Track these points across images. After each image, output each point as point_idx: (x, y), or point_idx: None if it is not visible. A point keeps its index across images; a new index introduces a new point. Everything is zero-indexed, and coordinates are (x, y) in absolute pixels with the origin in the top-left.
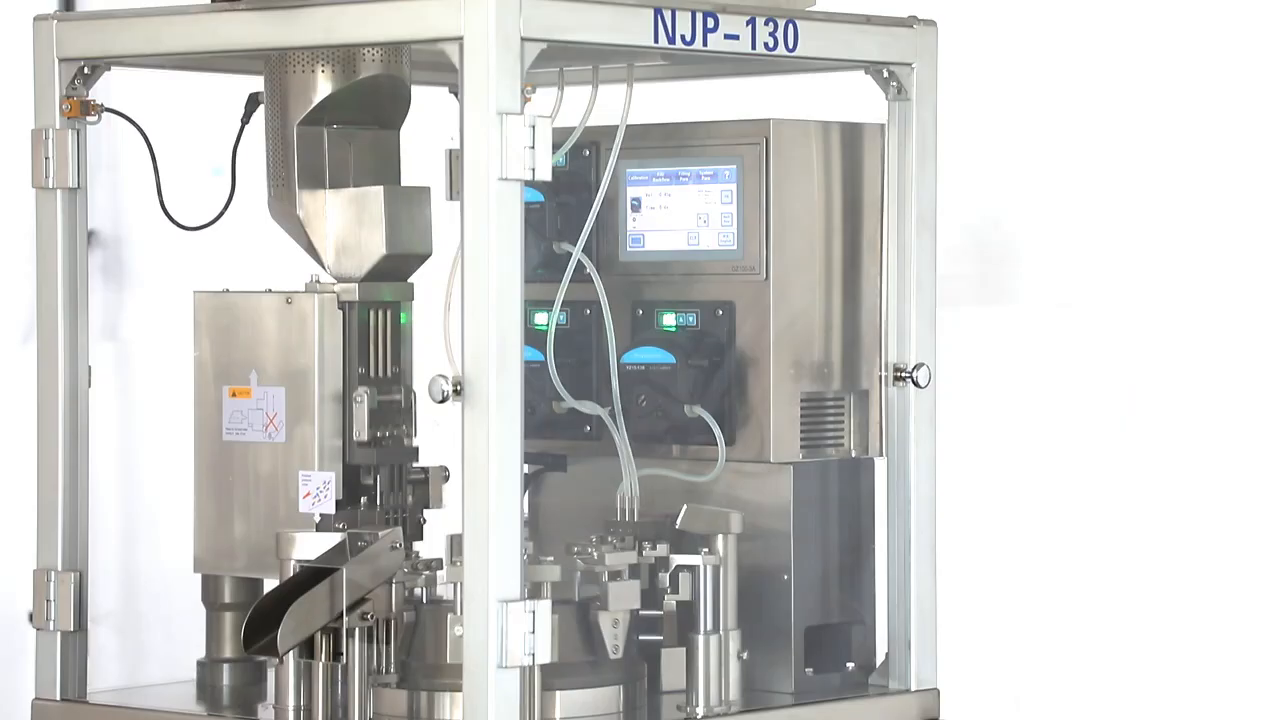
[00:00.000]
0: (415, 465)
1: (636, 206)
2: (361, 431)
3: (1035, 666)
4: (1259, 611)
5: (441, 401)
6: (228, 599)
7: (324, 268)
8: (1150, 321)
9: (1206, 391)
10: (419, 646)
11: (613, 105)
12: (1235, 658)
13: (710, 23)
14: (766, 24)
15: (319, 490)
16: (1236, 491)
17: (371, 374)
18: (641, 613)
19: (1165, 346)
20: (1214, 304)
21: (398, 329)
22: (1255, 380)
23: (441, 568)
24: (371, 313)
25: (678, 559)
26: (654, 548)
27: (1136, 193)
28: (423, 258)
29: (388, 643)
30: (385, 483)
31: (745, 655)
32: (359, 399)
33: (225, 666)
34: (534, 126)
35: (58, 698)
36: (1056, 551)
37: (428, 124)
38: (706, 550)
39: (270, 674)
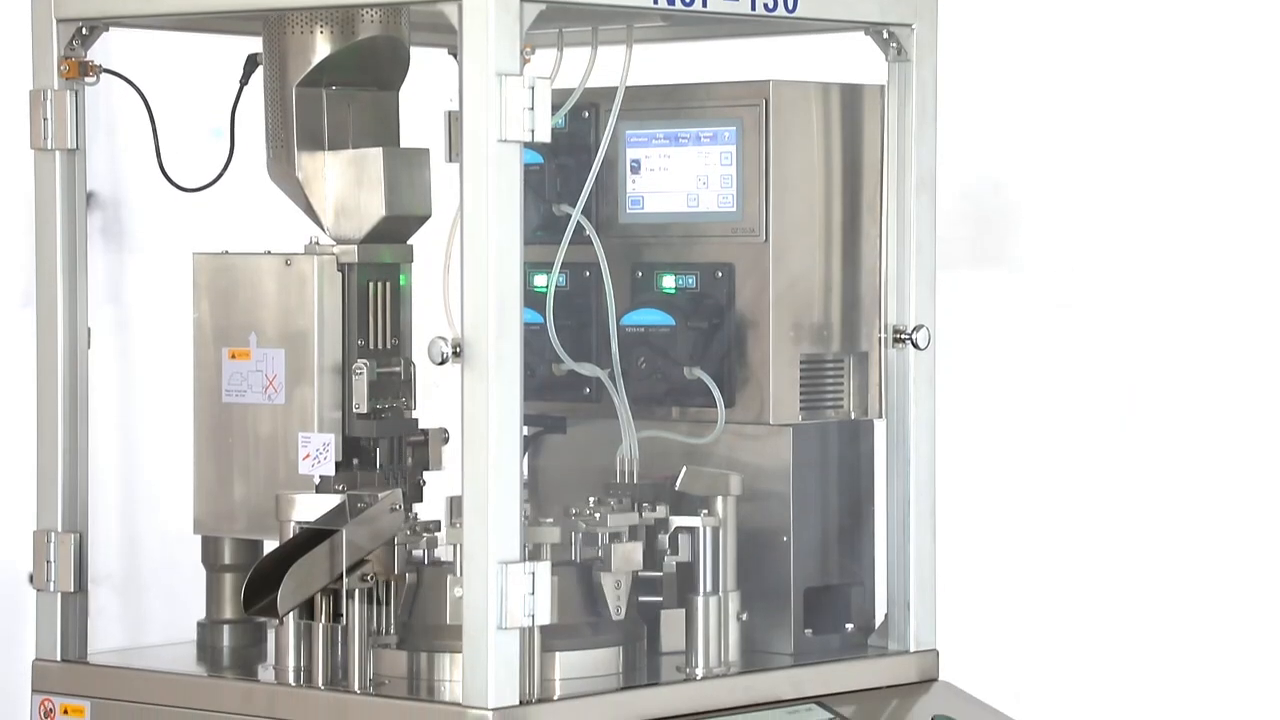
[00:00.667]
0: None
1: (636, 168)
2: (361, 404)
3: (1034, 629)
4: (1259, 580)
5: (441, 363)
6: (228, 560)
7: (323, 229)
8: (1149, 287)
9: (1206, 350)
10: (419, 608)
11: (612, 66)
12: (1234, 626)
13: None
14: None
15: (318, 452)
16: (1235, 463)
17: (371, 345)
18: (640, 574)
19: (1164, 313)
20: (1214, 268)
21: (397, 291)
22: (1255, 346)
23: (440, 529)
24: (371, 274)
25: (677, 520)
26: (653, 509)
27: (1136, 158)
28: (422, 219)
29: (387, 604)
30: (385, 446)
31: (745, 616)
32: (358, 371)
33: (225, 628)
34: (533, 88)
35: (58, 659)
36: (1055, 510)
37: (427, 85)
38: (706, 512)
39: (270, 635)
